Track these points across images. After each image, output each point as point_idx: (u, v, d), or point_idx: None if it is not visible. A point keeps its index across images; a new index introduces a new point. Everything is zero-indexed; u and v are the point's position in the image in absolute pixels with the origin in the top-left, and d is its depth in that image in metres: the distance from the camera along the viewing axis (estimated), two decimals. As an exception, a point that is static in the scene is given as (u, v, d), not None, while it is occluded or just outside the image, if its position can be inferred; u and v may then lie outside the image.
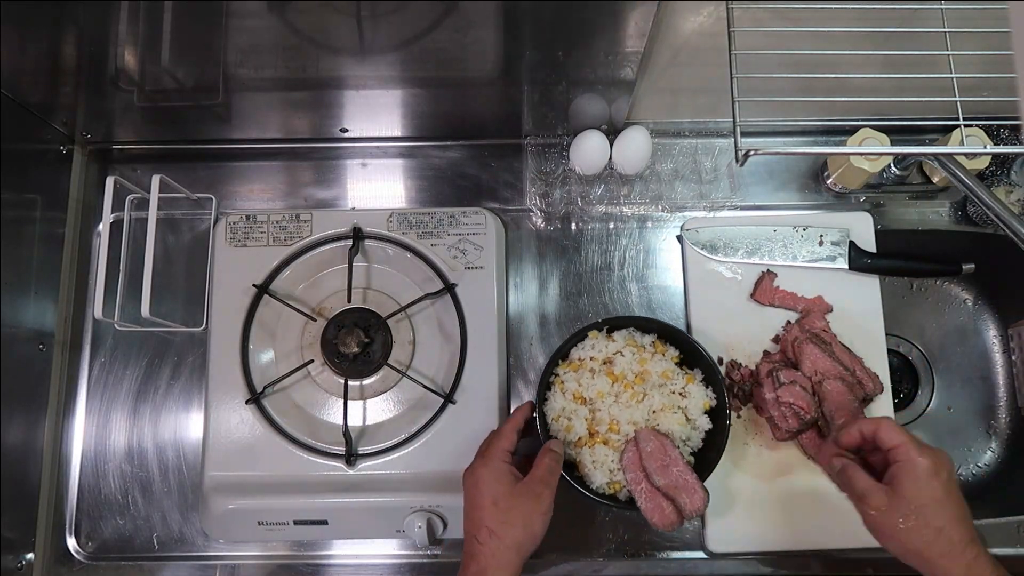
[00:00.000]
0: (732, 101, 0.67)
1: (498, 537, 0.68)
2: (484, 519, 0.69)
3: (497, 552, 0.68)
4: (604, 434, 0.78)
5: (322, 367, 0.87)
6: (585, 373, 0.80)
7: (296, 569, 0.87)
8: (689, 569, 0.86)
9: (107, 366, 0.91)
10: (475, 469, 0.73)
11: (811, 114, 0.91)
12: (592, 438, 0.78)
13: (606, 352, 0.81)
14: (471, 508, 0.71)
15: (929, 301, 1.06)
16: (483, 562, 0.68)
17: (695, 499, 0.74)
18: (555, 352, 0.81)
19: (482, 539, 0.68)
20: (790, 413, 0.82)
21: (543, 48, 0.77)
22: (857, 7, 0.71)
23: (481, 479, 0.71)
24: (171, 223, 0.94)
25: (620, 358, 0.80)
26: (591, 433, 0.78)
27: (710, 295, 0.90)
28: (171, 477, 0.88)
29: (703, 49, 0.77)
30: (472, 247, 0.88)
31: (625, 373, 0.79)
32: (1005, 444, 1.02)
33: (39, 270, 0.88)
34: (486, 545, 0.68)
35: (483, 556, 0.68)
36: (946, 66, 0.69)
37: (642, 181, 0.95)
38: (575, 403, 0.79)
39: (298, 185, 0.96)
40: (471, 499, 0.71)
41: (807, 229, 0.91)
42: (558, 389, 0.80)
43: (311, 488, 0.82)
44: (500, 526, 0.69)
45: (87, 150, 0.96)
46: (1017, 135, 0.89)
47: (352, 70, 0.81)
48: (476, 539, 0.69)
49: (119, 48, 0.76)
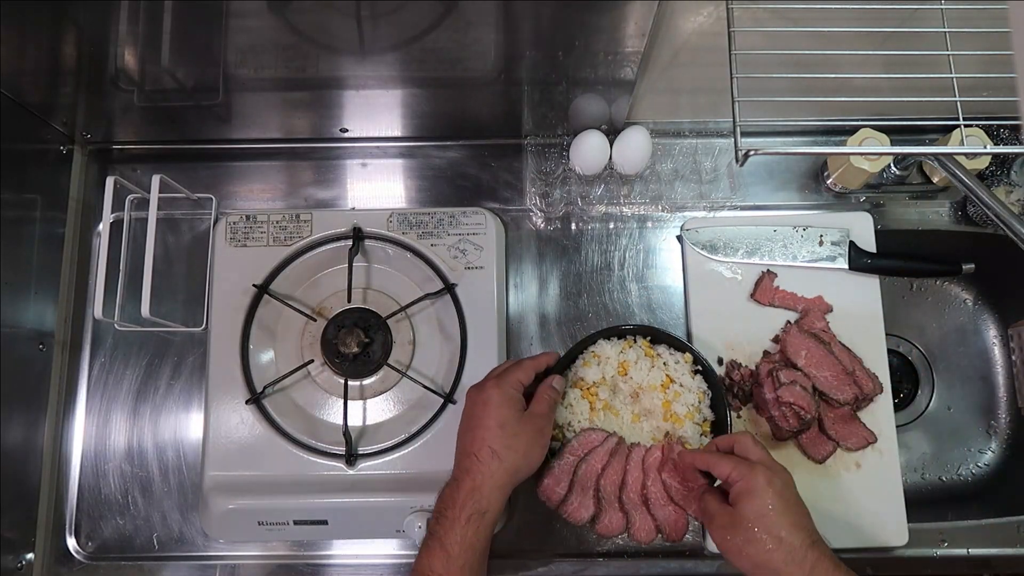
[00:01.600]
0: (732, 101, 0.67)
1: (499, 459, 0.69)
2: (488, 439, 0.70)
3: (496, 473, 0.69)
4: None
5: (322, 367, 0.87)
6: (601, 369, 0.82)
7: (296, 569, 0.87)
8: (689, 569, 0.86)
9: (107, 366, 0.91)
10: (486, 388, 0.73)
11: (811, 114, 0.91)
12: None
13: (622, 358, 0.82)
14: (474, 426, 0.71)
15: (929, 301, 1.06)
16: (479, 480, 0.69)
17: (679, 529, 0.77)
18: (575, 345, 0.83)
19: (483, 457, 0.69)
20: (790, 413, 0.82)
21: (543, 48, 0.77)
22: (857, 7, 0.71)
23: (491, 400, 0.72)
24: (171, 223, 0.94)
25: (635, 368, 0.82)
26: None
27: (710, 295, 0.90)
28: (171, 477, 0.88)
29: (703, 49, 0.77)
30: (472, 247, 0.88)
31: (640, 383, 0.81)
32: (1005, 444, 1.02)
33: (39, 270, 0.88)
34: (486, 464, 0.69)
35: (480, 474, 0.69)
36: (946, 66, 0.69)
37: (642, 181, 0.95)
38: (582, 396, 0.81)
39: (298, 185, 0.96)
40: (476, 417, 0.72)
41: (807, 229, 0.90)
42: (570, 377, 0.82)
43: (311, 488, 0.82)
44: (504, 449, 0.70)
45: (87, 150, 0.96)
46: (1017, 135, 0.89)
47: (352, 70, 0.81)
48: (476, 456, 0.70)
49: (119, 48, 0.76)
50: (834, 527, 0.83)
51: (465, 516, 0.68)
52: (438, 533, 0.68)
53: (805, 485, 0.84)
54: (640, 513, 0.77)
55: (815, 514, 0.83)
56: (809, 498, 0.83)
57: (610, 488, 0.77)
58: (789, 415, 0.82)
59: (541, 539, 0.86)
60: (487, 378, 0.76)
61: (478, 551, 0.68)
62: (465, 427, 0.73)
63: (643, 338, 0.84)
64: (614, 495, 0.78)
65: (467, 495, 0.69)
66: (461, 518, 0.68)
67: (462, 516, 0.68)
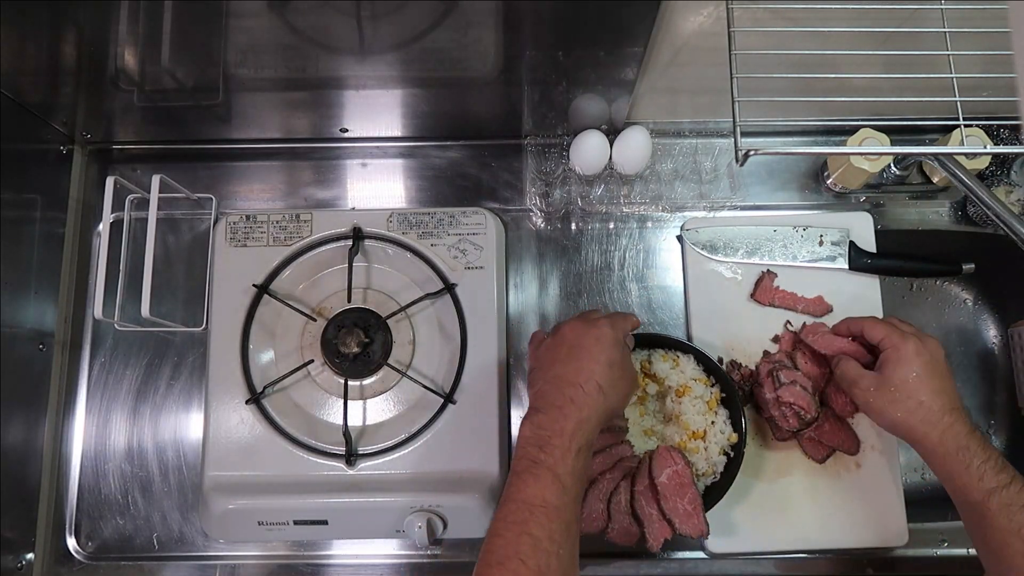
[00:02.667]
0: (732, 101, 0.67)
1: (604, 395, 0.69)
2: (596, 374, 0.69)
3: (599, 407, 0.68)
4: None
5: (322, 367, 0.87)
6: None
7: (296, 569, 0.87)
8: (689, 569, 0.86)
9: (107, 366, 0.91)
10: (602, 326, 0.72)
11: (811, 114, 0.91)
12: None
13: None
14: (582, 357, 0.70)
15: (929, 301, 1.06)
16: (588, 411, 0.67)
17: (695, 528, 0.76)
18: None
19: (590, 391, 0.68)
20: (790, 413, 0.82)
21: (543, 48, 0.77)
22: (857, 7, 0.71)
23: (606, 337, 0.71)
24: (171, 223, 0.94)
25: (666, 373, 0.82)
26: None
27: (710, 295, 0.90)
28: (171, 477, 0.88)
29: (703, 49, 0.77)
30: (472, 247, 0.88)
31: (671, 385, 0.81)
32: (1005, 444, 1.02)
33: (39, 270, 0.88)
34: (592, 397, 0.68)
35: (588, 406, 0.67)
36: (946, 66, 0.68)
37: (642, 181, 0.95)
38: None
39: (298, 185, 0.96)
40: (584, 348, 0.71)
41: (807, 229, 0.90)
42: None
43: (311, 488, 0.82)
44: (610, 388, 0.69)
45: (87, 150, 0.96)
46: (1017, 135, 0.89)
47: (352, 70, 0.81)
48: (583, 388, 0.68)
49: (119, 48, 0.76)
50: (834, 527, 0.83)
51: (576, 447, 0.65)
52: (547, 463, 0.64)
53: (805, 485, 0.85)
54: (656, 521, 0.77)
55: (815, 514, 0.84)
56: (809, 498, 0.84)
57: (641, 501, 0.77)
58: (789, 415, 0.82)
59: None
60: (599, 317, 0.74)
61: (583, 485, 0.67)
62: (568, 356, 0.71)
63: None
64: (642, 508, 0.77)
65: (576, 425, 0.66)
66: (572, 448, 0.65)
67: (572, 446, 0.65)
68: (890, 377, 0.73)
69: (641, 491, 0.76)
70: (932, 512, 0.89)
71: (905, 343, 0.73)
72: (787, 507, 0.84)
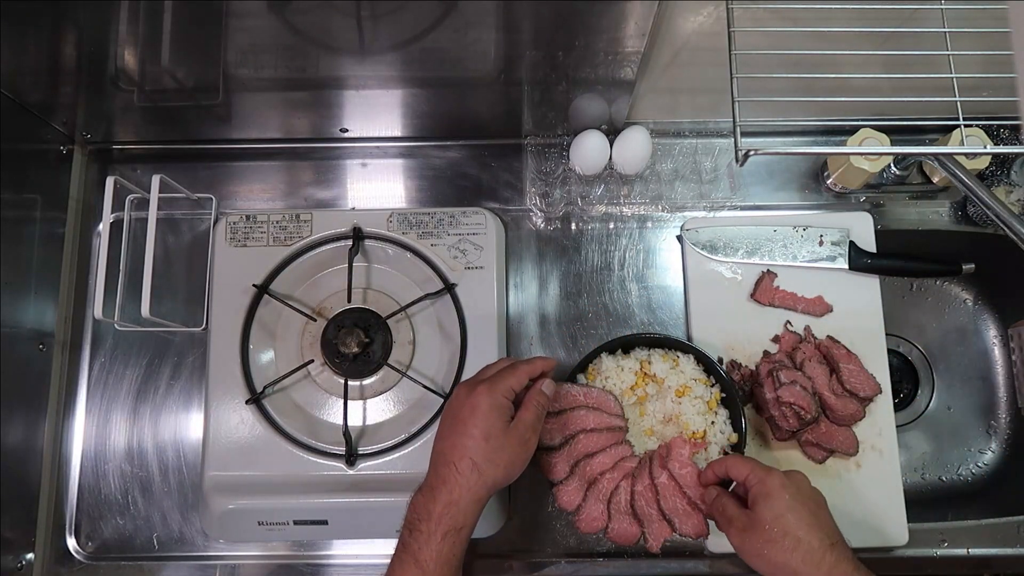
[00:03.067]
0: (732, 101, 0.67)
1: (479, 472, 0.66)
2: (470, 450, 0.66)
3: (475, 487, 0.66)
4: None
5: (322, 367, 0.87)
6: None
7: (296, 569, 0.87)
8: (689, 569, 0.86)
9: (107, 366, 0.91)
10: (477, 394, 0.68)
11: (811, 114, 0.91)
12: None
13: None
14: (458, 434, 0.67)
15: (929, 301, 1.06)
16: (458, 493, 0.66)
17: (696, 528, 0.76)
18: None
19: (462, 469, 0.66)
20: (790, 413, 0.82)
21: (543, 48, 0.77)
22: (857, 7, 0.71)
23: (479, 408, 0.68)
24: (171, 223, 0.94)
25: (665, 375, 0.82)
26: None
27: (710, 295, 0.90)
28: (171, 477, 0.88)
29: (703, 49, 0.77)
30: (472, 247, 0.88)
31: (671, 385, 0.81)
32: (1005, 444, 1.02)
33: (39, 270, 0.88)
34: (465, 477, 0.66)
35: (459, 487, 0.66)
36: (946, 66, 0.69)
37: (642, 181, 0.95)
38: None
39: (298, 185, 0.96)
40: (460, 422, 0.68)
41: (807, 229, 0.91)
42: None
43: (311, 488, 0.82)
44: (486, 463, 0.66)
45: (87, 150, 0.96)
46: (1017, 135, 0.89)
47: (352, 70, 0.81)
48: (456, 467, 0.66)
49: (119, 48, 0.76)
50: (834, 527, 0.83)
51: (441, 532, 0.64)
52: (412, 548, 0.65)
53: (805, 485, 0.85)
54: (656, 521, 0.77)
55: (815, 514, 0.83)
56: (809, 498, 0.84)
57: (626, 499, 0.77)
58: (789, 415, 0.82)
59: (541, 539, 0.86)
60: (478, 379, 0.72)
61: (453, 567, 0.65)
62: (448, 430, 0.69)
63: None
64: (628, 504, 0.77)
65: (444, 509, 0.65)
66: (437, 533, 0.64)
67: (438, 532, 0.64)
68: (762, 515, 0.67)
69: (640, 491, 0.76)
70: (932, 512, 0.89)
71: (770, 476, 0.68)
72: (787, 507, 0.84)
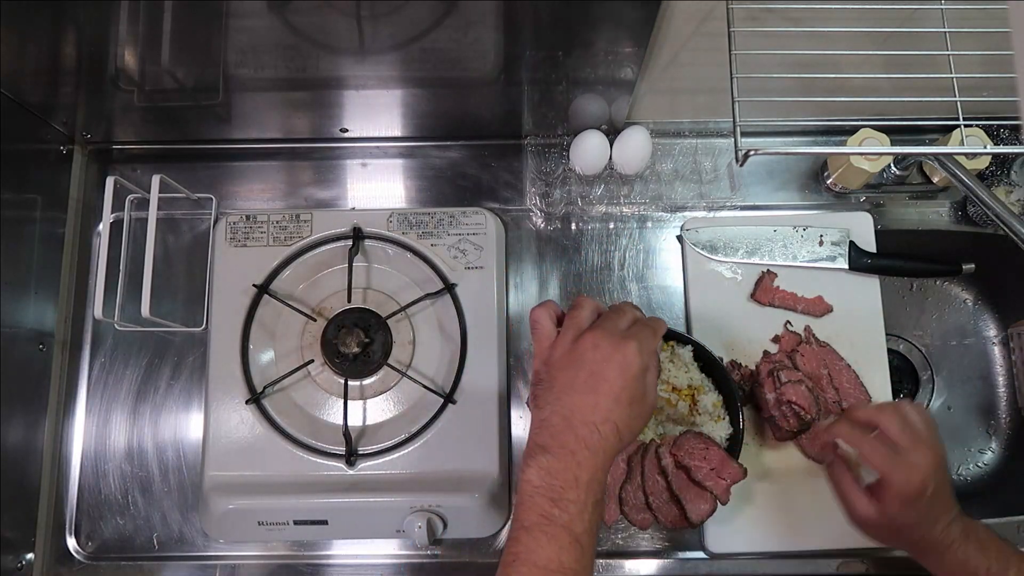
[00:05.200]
0: (732, 101, 0.67)
1: (620, 439, 0.59)
2: (615, 413, 0.59)
3: (613, 452, 0.59)
4: None
5: (322, 367, 0.87)
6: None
7: (296, 569, 0.87)
8: (689, 569, 0.86)
9: (107, 366, 0.91)
10: (630, 350, 0.60)
11: (811, 114, 0.91)
12: None
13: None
14: (603, 393, 0.59)
15: (929, 301, 1.06)
16: (603, 459, 0.58)
17: (734, 474, 0.76)
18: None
19: (605, 433, 0.58)
20: (790, 413, 0.82)
21: (543, 48, 0.77)
22: (857, 7, 0.71)
23: (630, 369, 0.59)
24: (171, 223, 0.94)
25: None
26: None
27: (710, 295, 0.90)
28: (171, 477, 0.88)
29: (703, 49, 0.77)
30: (472, 247, 0.88)
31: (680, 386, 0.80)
32: (1005, 444, 1.02)
33: (39, 270, 0.88)
34: (608, 442, 0.58)
35: (604, 453, 0.58)
36: (946, 66, 0.69)
37: (642, 181, 0.95)
38: None
39: (298, 185, 0.96)
40: (608, 382, 0.59)
41: (807, 229, 0.91)
42: None
43: (311, 488, 0.82)
44: (626, 427, 0.59)
45: (87, 150, 0.96)
46: (1017, 135, 0.89)
47: (352, 70, 0.81)
48: (599, 430, 0.58)
49: (119, 48, 0.76)
50: (834, 527, 0.83)
51: (592, 500, 0.57)
52: (562, 520, 0.56)
53: (805, 485, 0.85)
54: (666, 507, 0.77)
55: (815, 514, 0.84)
56: (809, 498, 0.84)
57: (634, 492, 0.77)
58: (789, 415, 0.82)
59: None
60: (618, 323, 0.62)
61: (597, 538, 0.58)
62: (585, 385, 0.59)
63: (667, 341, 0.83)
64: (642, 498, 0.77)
65: (592, 476, 0.57)
66: (589, 503, 0.57)
67: (589, 500, 0.57)
68: (889, 512, 0.66)
69: (671, 471, 0.77)
70: (932, 512, 0.89)
71: (905, 475, 0.65)
72: (787, 507, 0.84)
